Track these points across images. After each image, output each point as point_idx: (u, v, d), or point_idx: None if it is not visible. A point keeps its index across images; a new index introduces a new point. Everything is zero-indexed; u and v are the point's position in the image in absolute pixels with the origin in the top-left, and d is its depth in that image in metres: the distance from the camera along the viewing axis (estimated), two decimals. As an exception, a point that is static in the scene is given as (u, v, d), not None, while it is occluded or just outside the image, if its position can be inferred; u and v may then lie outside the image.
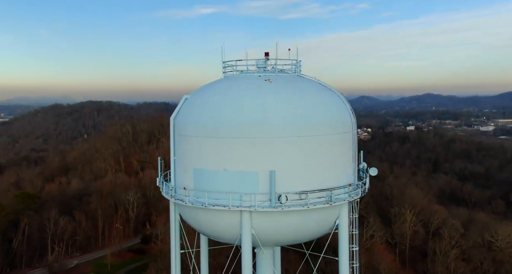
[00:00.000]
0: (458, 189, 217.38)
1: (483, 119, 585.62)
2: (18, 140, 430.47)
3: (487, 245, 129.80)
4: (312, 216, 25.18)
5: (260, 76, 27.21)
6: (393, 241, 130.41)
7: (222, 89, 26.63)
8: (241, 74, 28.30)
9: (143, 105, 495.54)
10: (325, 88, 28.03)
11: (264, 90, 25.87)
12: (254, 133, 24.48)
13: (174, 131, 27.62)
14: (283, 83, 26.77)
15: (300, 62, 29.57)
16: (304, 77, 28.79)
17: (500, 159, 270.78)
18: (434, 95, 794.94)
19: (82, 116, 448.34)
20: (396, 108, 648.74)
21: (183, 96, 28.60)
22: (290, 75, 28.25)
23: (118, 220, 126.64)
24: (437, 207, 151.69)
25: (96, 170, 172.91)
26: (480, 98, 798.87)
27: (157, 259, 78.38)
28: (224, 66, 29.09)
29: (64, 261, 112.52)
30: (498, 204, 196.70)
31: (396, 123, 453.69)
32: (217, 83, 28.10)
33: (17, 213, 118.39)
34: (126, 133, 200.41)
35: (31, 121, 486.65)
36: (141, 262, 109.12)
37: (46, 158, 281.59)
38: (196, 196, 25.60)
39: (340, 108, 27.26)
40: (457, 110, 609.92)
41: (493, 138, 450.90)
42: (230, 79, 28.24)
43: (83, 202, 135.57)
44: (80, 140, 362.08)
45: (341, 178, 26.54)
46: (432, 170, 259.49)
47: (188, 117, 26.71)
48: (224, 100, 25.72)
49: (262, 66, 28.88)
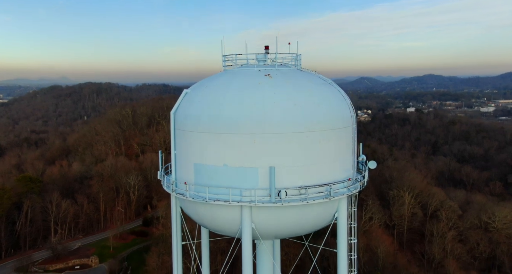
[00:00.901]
0: (457, 170, 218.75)
1: (484, 100, 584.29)
2: (18, 121, 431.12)
3: (484, 227, 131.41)
4: (312, 210, 25.59)
5: (260, 71, 27.20)
6: (391, 223, 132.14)
7: (222, 85, 26.66)
8: (241, 68, 28.27)
9: (143, 87, 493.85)
10: (324, 83, 28.06)
11: (264, 85, 25.90)
12: (254, 130, 24.65)
13: (174, 126, 27.78)
14: (283, 78, 26.78)
15: (300, 56, 29.59)
16: (304, 71, 28.78)
17: (499, 140, 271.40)
18: (435, 76, 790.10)
19: (82, 98, 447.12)
20: (397, 89, 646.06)
21: (183, 90, 28.70)
22: (290, 69, 28.24)
23: (120, 203, 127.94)
24: (435, 190, 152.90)
25: (97, 153, 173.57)
26: (481, 79, 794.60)
27: (159, 243, 79.68)
28: (224, 60, 29.06)
29: (67, 243, 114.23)
30: (496, 185, 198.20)
31: (396, 104, 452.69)
32: (216, 78, 28.10)
33: (19, 196, 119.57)
34: (126, 117, 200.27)
35: (31, 103, 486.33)
36: (143, 244, 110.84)
37: (46, 139, 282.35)
38: (197, 191, 25.97)
39: (340, 103, 27.35)
40: (458, 91, 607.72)
41: (493, 119, 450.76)
42: (230, 73, 28.23)
43: (84, 185, 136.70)
44: (80, 122, 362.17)
45: (340, 172, 26.86)
46: (431, 151, 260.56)
47: (188, 113, 26.83)
48: (224, 96, 25.78)
49: (262, 60, 28.93)
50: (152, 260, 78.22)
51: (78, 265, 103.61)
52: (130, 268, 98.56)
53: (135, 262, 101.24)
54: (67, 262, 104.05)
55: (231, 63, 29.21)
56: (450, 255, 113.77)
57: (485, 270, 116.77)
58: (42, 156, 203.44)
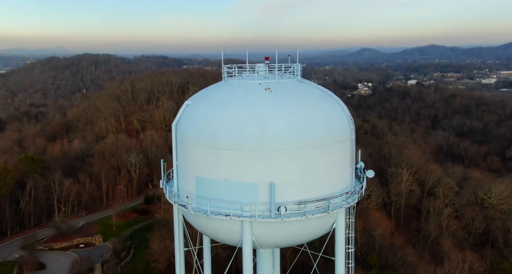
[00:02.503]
0: (455, 145, 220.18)
1: (486, 71, 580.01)
2: (17, 94, 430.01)
3: (479, 203, 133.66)
4: (310, 222, 26.32)
5: (260, 84, 27.31)
6: (389, 201, 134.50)
7: (223, 100, 26.86)
8: (241, 81, 28.37)
9: (141, 58, 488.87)
10: (324, 95, 28.22)
11: (264, 101, 26.10)
12: (254, 147, 25.03)
13: (176, 138, 28.16)
14: (283, 92, 26.94)
15: (300, 66, 29.64)
16: (304, 83, 28.90)
17: (499, 114, 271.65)
18: (437, 47, 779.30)
19: (80, 70, 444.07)
20: (398, 61, 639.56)
21: (184, 102, 28.91)
22: (290, 81, 28.34)
23: (121, 181, 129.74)
24: (433, 166, 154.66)
25: (97, 130, 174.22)
26: (483, 49, 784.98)
27: (161, 228, 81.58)
28: (224, 70, 29.25)
29: (71, 221, 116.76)
30: (494, 160, 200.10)
31: (397, 77, 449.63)
32: (217, 91, 28.25)
33: (22, 175, 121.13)
34: (126, 92, 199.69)
35: (29, 75, 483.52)
36: (145, 223, 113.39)
37: (46, 113, 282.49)
38: (199, 203, 26.62)
39: (339, 116, 27.61)
40: (460, 62, 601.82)
41: (494, 91, 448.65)
42: (230, 86, 28.36)
43: (86, 163, 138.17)
44: (79, 95, 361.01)
45: (339, 183, 27.43)
46: (431, 126, 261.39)
47: (189, 127, 27.13)
48: (224, 112, 26.02)
49: (263, 70, 29.17)
50: (155, 244, 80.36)
51: (82, 244, 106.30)
52: (133, 247, 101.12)
53: (137, 240, 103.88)
54: (72, 241, 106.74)
55: (232, 73, 29.40)
56: (445, 232, 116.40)
57: (479, 245, 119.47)
58: (42, 131, 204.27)
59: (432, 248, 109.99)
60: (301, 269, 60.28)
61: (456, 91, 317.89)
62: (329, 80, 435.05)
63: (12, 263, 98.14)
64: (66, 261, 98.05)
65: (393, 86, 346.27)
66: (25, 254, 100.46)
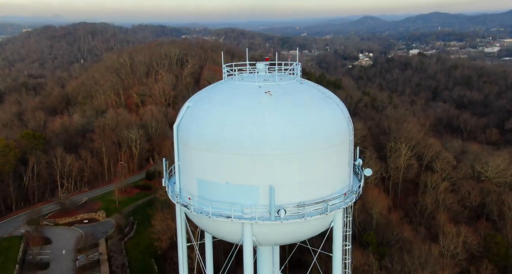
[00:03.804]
0: (455, 117, 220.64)
1: (489, 39, 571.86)
2: (14, 63, 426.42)
3: (476, 176, 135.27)
4: (309, 222, 27.19)
5: (260, 87, 27.48)
6: (387, 175, 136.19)
7: (223, 105, 27.07)
8: (241, 82, 28.50)
9: (139, 27, 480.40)
10: (323, 97, 28.42)
11: (264, 105, 26.35)
12: (254, 151, 25.53)
13: (177, 139, 28.60)
14: (283, 95, 27.15)
15: (299, 66, 29.69)
16: (303, 84, 29.04)
17: (500, 85, 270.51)
18: (441, 14, 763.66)
19: (77, 39, 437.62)
20: (401, 30, 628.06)
21: (184, 104, 29.15)
22: (290, 83, 28.49)
23: (122, 157, 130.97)
24: (432, 140, 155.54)
25: (97, 104, 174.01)
26: (488, 16, 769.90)
27: (163, 208, 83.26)
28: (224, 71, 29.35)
29: (74, 197, 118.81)
30: (492, 132, 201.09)
31: (399, 46, 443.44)
32: (218, 93, 28.42)
33: (24, 152, 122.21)
34: (124, 65, 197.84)
35: (25, 44, 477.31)
36: (147, 198, 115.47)
37: (44, 85, 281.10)
38: (200, 204, 27.41)
39: (338, 119, 27.94)
40: (463, 30, 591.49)
41: (497, 60, 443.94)
42: (231, 87, 28.51)
43: (86, 138, 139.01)
44: (77, 65, 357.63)
45: (337, 184, 28.15)
46: (431, 97, 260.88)
47: (190, 130, 27.50)
48: (225, 117, 26.33)
49: (263, 70, 29.31)
50: (157, 223, 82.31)
51: (86, 219, 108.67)
52: (136, 223, 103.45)
53: (140, 216, 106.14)
54: (76, 216, 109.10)
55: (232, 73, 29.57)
56: (441, 206, 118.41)
57: (473, 218, 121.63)
58: (42, 104, 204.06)
59: (428, 222, 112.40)
60: (300, 261, 62.43)
61: (458, 62, 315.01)
62: (330, 50, 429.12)
63: (19, 238, 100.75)
64: (71, 236, 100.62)
65: (395, 56, 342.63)
66: (31, 229, 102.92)
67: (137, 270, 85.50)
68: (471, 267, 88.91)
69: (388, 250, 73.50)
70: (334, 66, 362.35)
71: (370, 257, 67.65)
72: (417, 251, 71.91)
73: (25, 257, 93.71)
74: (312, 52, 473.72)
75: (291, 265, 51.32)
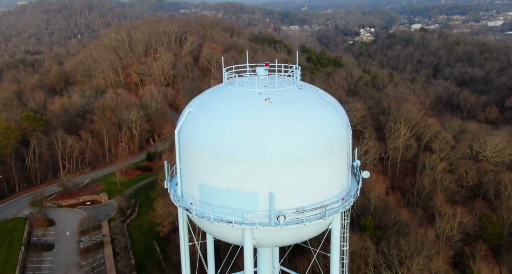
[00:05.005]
0: (455, 95, 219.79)
1: (493, 13, 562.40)
2: (10, 39, 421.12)
3: (474, 156, 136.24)
4: (307, 226, 28.00)
5: (260, 94, 27.71)
6: (386, 155, 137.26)
7: (224, 112, 27.37)
8: (241, 89, 28.69)
9: (136, 2, 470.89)
10: (323, 103, 28.65)
11: (264, 113, 26.68)
12: (255, 159, 26.00)
13: (179, 143, 29.05)
14: (283, 102, 27.41)
15: (299, 71, 29.82)
16: (303, 89, 29.23)
17: (502, 61, 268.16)
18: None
19: (73, 14, 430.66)
20: (403, 3, 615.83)
21: (185, 108, 29.44)
22: (290, 89, 28.69)
23: (123, 138, 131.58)
24: (431, 120, 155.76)
25: (96, 83, 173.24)
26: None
27: (164, 196, 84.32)
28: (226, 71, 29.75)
29: (76, 178, 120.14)
30: (492, 111, 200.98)
31: (401, 20, 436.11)
32: (218, 100, 28.66)
33: (25, 133, 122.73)
34: (122, 43, 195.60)
35: (20, 18, 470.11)
36: (148, 180, 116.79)
37: (42, 61, 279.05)
38: (202, 208, 28.13)
39: (338, 125, 28.27)
40: (467, 3, 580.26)
41: (500, 34, 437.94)
42: (231, 93, 28.75)
43: (86, 119, 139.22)
44: (74, 41, 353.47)
45: (336, 187, 28.78)
46: (432, 75, 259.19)
47: (191, 136, 27.90)
48: (226, 125, 26.69)
49: (262, 75, 29.53)
50: (159, 208, 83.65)
51: (89, 201, 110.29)
52: (138, 205, 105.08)
53: (141, 198, 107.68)
54: (78, 198, 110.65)
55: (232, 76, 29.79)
56: (439, 186, 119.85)
57: (470, 197, 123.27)
58: (40, 82, 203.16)
59: (426, 203, 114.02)
60: (299, 254, 63.87)
61: (460, 37, 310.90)
62: (331, 25, 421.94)
63: (23, 219, 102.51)
64: (74, 218, 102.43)
65: (396, 32, 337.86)
66: (34, 211, 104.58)
67: (140, 252, 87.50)
68: (466, 247, 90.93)
69: (385, 234, 75.15)
70: (335, 42, 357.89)
71: (367, 242, 69.25)
72: (414, 235, 73.54)
73: (30, 239, 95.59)
74: (313, 28, 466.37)
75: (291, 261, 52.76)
